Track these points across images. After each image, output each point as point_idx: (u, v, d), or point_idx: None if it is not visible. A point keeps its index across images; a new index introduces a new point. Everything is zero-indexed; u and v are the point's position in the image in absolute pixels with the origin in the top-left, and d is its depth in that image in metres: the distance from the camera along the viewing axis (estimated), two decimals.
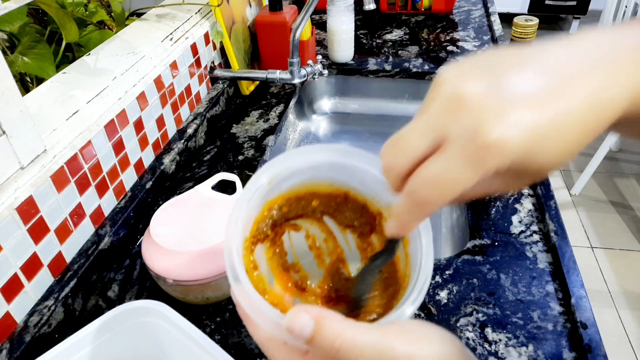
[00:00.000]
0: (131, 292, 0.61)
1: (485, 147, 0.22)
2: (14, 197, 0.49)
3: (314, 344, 0.26)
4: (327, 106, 1.19)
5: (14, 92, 0.49)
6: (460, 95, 0.23)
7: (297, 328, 0.26)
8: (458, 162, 0.23)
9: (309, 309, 0.26)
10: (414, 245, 0.34)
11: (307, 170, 0.36)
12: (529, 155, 0.22)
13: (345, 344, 0.25)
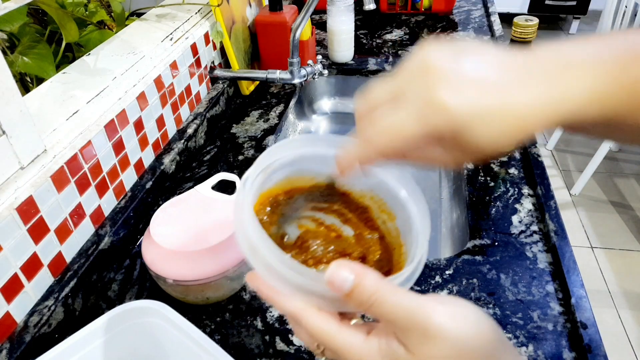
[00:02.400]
0: (131, 292, 0.61)
1: (431, 104, 0.26)
2: (14, 197, 0.49)
3: (353, 297, 0.27)
4: (327, 106, 1.19)
5: (14, 92, 0.49)
6: (424, 62, 0.27)
7: (339, 281, 0.27)
8: (406, 113, 0.27)
9: (349, 264, 0.27)
10: (403, 219, 0.35)
11: (286, 165, 0.36)
12: (465, 128, 0.26)
13: (380, 299, 0.26)
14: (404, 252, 0.35)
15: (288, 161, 0.36)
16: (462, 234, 0.74)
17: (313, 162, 0.37)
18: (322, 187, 0.39)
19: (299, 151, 0.36)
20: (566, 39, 0.27)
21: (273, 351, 0.53)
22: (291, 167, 0.37)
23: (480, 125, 0.25)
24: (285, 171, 0.37)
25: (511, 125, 0.26)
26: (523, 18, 0.66)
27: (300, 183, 0.39)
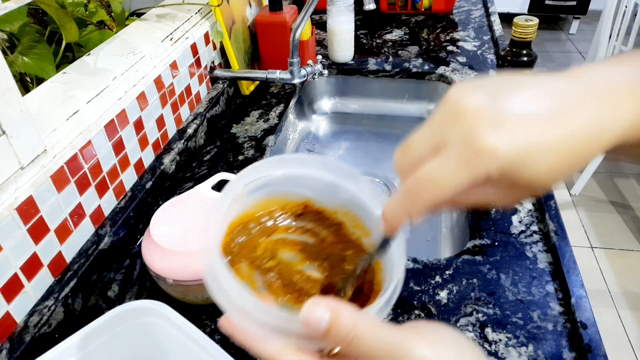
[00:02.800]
0: (131, 292, 0.61)
1: (478, 150, 0.24)
2: (14, 197, 0.49)
3: (330, 336, 0.26)
4: (327, 106, 1.19)
5: (14, 92, 0.49)
6: (462, 106, 0.25)
7: (314, 320, 0.26)
8: (451, 162, 0.25)
9: (324, 301, 0.27)
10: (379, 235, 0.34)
11: (261, 187, 0.36)
12: (517, 167, 0.24)
13: (358, 336, 0.26)
14: (382, 269, 0.34)
15: (258, 185, 0.36)
16: (462, 234, 0.74)
17: (284, 184, 0.37)
18: (294, 208, 0.39)
19: (269, 174, 0.36)
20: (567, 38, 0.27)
21: None
22: (262, 189, 0.37)
23: (534, 162, 0.24)
24: (255, 196, 0.37)
25: (566, 156, 0.25)
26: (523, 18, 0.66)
27: (272, 205, 0.39)
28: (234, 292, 0.28)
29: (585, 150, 0.25)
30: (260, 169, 0.36)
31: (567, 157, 0.25)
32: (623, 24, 1.88)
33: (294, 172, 0.37)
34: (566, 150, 0.25)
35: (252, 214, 0.38)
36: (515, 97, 0.25)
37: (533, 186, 0.26)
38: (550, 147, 0.24)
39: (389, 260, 0.33)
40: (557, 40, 3.32)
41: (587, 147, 0.25)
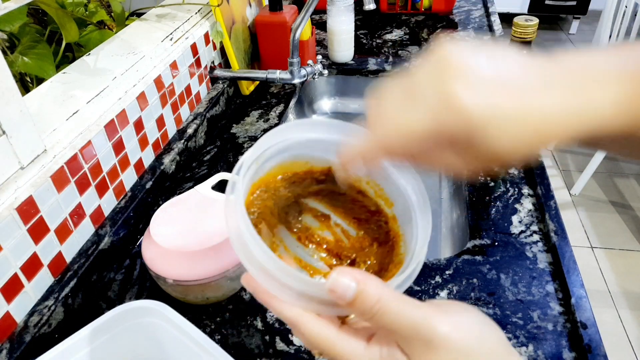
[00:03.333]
0: (131, 292, 0.61)
1: (446, 101, 0.24)
2: (14, 197, 0.49)
3: (355, 306, 0.26)
4: (327, 106, 1.19)
5: (14, 92, 0.49)
6: (444, 59, 0.25)
7: (341, 289, 0.26)
8: (417, 109, 0.26)
9: (351, 271, 0.27)
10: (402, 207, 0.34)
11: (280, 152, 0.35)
12: (483, 131, 0.24)
13: (383, 308, 0.26)
14: (402, 244, 0.34)
15: (282, 148, 0.35)
16: (462, 234, 0.74)
17: (307, 148, 0.36)
18: (317, 173, 0.38)
19: (293, 137, 0.35)
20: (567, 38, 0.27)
21: (273, 351, 0.53)
22: (285, 153, 0.36)
23: (497, 129, 0.24)
24: (278, 158, 0.36)
25: (530, 131, 0.25)
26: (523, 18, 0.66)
27: (294, 169, 0.38)
28: (258, 252, 0.27)
29: (554, 130, 0.25)
30: (285, 132, 0.35)
31: (531, 133, 0.25)
32: (623, 24, 1.88)
33: (318, 137, 0.36)
34: (532, 124, 0.24)
35: (274, 175, 0.37)
36: (496, 62, 0.25)
37: (492, 156, 0.25)
38: (517, 118, 0.24)
39: (411, 234, 0.33)
40: (557, 40, 3.32)
41: (553, 127, 0.25)
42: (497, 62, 0.25)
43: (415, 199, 0.33)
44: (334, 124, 0.35)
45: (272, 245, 0.35)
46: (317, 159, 0.38)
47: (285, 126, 0.35)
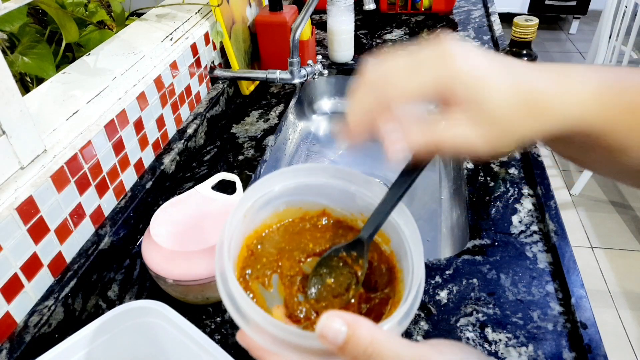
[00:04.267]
0: (131, 292, 0.61)
1: (447, 67, 0.27)
2: (14, 197, 0.49)
3: (347, 350, 0.26)
4: (327, 106, 1.19)
5: (14, 92, 0.49)
6: (447, 46, 0.28)
7: (331, 334, 0.26)
8: (423, 72, 0.28)
9: (341, 314, 0.26)
10: (397, 242, 0.34)
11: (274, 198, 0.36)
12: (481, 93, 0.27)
13: (377, 351, 0.25)
14: (401, 280, 0.34)
15: (272, 196, 0.36)
16: (462, 234, 0.74)
17: (297, 194, 0.37)
18: (313, 217, 0.39)
19: (282, 184, 0.36)
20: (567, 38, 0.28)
21: None
22: (275, 201, 0.37)
23: (493, 91, 0.27)
24: (270, 208, 0.37)
25: (522, 101, 0.27)
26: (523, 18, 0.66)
27: (289, 216, 0.39)
28: (248, 308, 0.28)
29: (539, 106, 0.27)
30: (271, 181, 0.36)
31: (522, 102, 0.27)
32: (623, 24, 1.88)
33: (307, 182, 0.37)
34: (523, 95, 0.27)
35: (269, 226, 0.38)
36: (489, 55, 0.28)
37: (491, 119, 0.27)
38: (511, 85, 0.27)
39: (407, 269, 0.33)
40: (557, 40, 3.32)
41: (540, 105, 0.27)
42: (489, 53, 0.28)
43: (407, 232, 0.34)
44: (318, 168, 0.36)
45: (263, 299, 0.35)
46: (309, 203, 0.38)
47: (270, 176, 0.35)
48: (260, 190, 0.35)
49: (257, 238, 0.37)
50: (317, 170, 0.37)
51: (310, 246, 0.38)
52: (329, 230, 0.39)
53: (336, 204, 0.39)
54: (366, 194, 0.37)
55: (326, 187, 0.37)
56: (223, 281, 0.30)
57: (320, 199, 0.38)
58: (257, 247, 0.37)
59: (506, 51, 0.69)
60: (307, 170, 0.37)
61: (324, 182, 0.37)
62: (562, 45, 3.24)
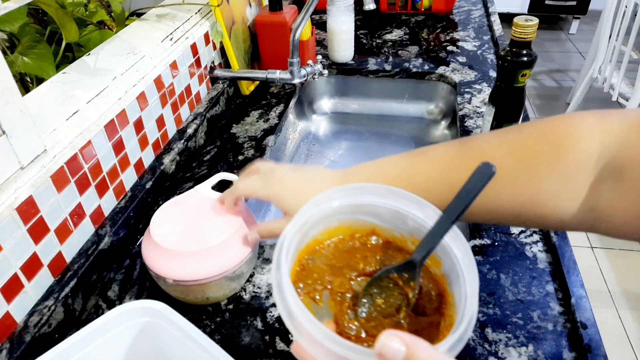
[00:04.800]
0: (131, 292, 0.61)
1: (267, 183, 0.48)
2: (14, 197, 0.49)
3: None
4: (327, 106, 1.19)
5: (14, 92, 0.49)
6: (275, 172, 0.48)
7: (390, 353, 0.26)
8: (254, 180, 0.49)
9: (399, 334, 0.26)
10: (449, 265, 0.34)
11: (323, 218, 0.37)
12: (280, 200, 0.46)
13: None
14: (453, 304, 0.34)
15: (324, 214, 0.37)
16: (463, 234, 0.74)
17: (349, 213, 0.38)
18: (363, 236, 0.39)
19: (335, 202, 0.37)
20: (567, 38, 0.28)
21: (273, 351, 0.53)
22: (329, 219, 0.38)
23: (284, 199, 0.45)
24: (322, 224, 0.38)
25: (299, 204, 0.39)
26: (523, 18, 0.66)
27: (339, 233, 0.39)
28: (304, 321, 0.28)
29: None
30: (325, 198, 0.37)
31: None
32: (623, 24, 1.88)
33: (359, 200, 0.37)
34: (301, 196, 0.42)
35: (320, 242, 0.39)
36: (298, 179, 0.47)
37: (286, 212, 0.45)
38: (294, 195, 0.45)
39: (459, 293, 0.32)
40: (557, 40, 3.32)
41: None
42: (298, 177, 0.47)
43: (460, 256, 0.34)
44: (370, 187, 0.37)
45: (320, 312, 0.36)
46: (360, 221, 0.39)
47: (325, 193, 0.37)
48: (314, 207, 0.36)
49: (308, 253, 0.38)
50: (369, 189, 0.38)
51: (360, 265, 0.38)
52: (378, 250, 0.39)
53: (386, 224, 0.39)
54: (418, 215, 0.37)
55: (377, 207, 0.38)
56: (280, 293, 0.30)
57: (370, 218, 0.39)
58: (309, 263, 0.38)
59: (506, 51, 0.69)
60: (359, 189, 0.38)
61: (375, 202, 0.37)
62: (562, 45, 3.24)
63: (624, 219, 0.33)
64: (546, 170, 0.35)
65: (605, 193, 0.33)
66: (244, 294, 0.59)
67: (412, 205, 0.37)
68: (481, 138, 0.41)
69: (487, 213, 0.39)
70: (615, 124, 0.34)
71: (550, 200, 0.36)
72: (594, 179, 0.34)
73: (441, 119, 1.12)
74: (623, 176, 0.32)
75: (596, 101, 2.53)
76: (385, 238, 0.40)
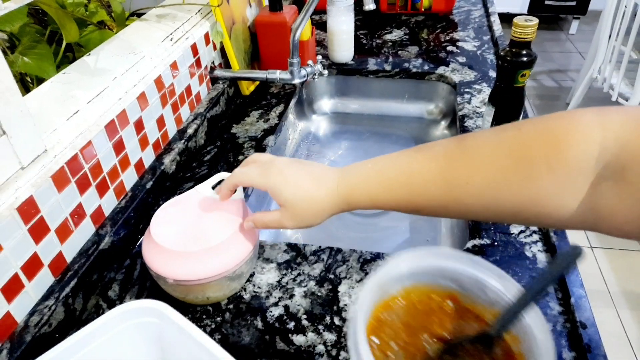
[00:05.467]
0: (131, 292, 0.61)
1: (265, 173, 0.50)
2: (15, 197, 0.49)
3: None
4: (327, 106, 1.19)
5: (14, 92, 0.49)
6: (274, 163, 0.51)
7: None
8: (254, 170, 0.51)
9: None
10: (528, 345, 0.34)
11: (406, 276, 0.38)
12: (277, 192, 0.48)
13: None
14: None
15: (403, 273, 0.37)
16: (462, 234, 0.74)
17: (428, 274, 0.38)
18: (439, 299, 0.40)
19: (414, 263, 0.37)
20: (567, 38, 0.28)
21: (273, 351, 0.53)
22: (407, 278, 0.38)
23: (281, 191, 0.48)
24: (400, 283, 0.38)
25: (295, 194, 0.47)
26: (523, 18, 0.66)
27: (416, 293, 0.39)
28: None
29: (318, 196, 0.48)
30: (404, 258, 0.37)
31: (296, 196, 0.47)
32: (623, 24, 1.88)
33: (439, 264, 0.38)
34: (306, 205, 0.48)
35: (398, 299, 0.39)
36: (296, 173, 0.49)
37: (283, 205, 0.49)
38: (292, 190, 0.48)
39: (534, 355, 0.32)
40: (556, 40, 3.32)
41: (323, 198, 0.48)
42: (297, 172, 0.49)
43: (540, 337, 0.33)
44: (453, 253, 0.38)
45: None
46: (438, 284, 0.39)
47: (405, 253, 0.38)
48: (393, 267, 0.37)
49: (385, 309, 0.38)
50: (452, 255, 0.38)
51: (436, 328, 0.38)
52: (456, 316, 0.39)
53: (465, 291, 0.39)
54: (499, 288, 0.37)
55: (457, 273, 0.38)
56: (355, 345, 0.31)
57: (449, 282, 0.39)
58: (385, 319, 0.38)
59: (506, 51, 0.69)
60: (440, 254, 0.38)
61: (455, 268, 0.38)
62: (562, 46, 3.24)
63: (625, 218, 0.32)
64: (546, 169, 0.35)
65: (606, 192, 0.33)
66: (244, 294, 0.59)
67: (492, 276, 0.37)
68: (479, 136, 0.40)
69: (487, 211, 0.38)
70: (615, 121, 0.33)
71: (551, 199, 0.35)
72: (594, 177, 0.33)
73: (441, 119, 1.12)
74: (624, 175, 0.32)
75: (596, 101, 2.53)
76: (464, 305, 0.39)
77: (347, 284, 0.60)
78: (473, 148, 0.39)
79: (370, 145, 1.12)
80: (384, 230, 0.91)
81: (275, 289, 0.60)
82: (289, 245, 0.66)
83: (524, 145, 0.37)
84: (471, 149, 0.39)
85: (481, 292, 0.38)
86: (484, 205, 0.38)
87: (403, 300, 0.39)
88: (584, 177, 0.34)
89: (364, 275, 0.61)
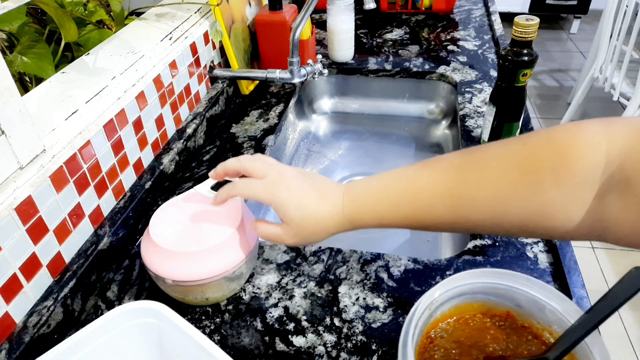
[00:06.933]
0: (130, 292, 0.60)
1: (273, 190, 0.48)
2: (13, 197, 0.49)
3: None
4: (327, 106, 1.19)
5: (13, 91, 0.49)
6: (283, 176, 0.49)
7: None
8: (259, 183, 0.49)
9: None
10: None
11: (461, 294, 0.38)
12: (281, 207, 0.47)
13: None
14: None
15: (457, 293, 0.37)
16: (463, 234, 0.74)
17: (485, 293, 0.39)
18: (496, 316, 0.40)
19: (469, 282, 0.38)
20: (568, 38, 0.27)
21: (273, 352, 0.53)
22: (460, 297, 0.38)
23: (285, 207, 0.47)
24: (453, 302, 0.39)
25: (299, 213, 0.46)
26: (524, 17, 0.66)
27: (472, 310, 0.39)
28: None
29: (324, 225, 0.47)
30: (460, 279, 0.38)
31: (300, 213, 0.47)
32: (624, 24, 1.88)
33: (495, 283, 0.38)
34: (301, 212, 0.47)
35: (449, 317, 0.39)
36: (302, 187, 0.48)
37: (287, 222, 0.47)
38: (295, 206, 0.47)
39: None
40: (558, 39, 3.31)
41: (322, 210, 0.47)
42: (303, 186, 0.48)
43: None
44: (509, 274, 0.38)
45: None
46: (494, 302, 0.39)
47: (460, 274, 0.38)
48: (447, 286, 0.37)
49: (436, 327, 0.38)
50: (505, 275, 0.38)
51: (489, 345, 0.38)
52: (512, 334, 0.39)
53: (523, 310, 0.39)
54: (557, 309, 0.37)
55: (514, 292, 0.38)
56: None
57: (506, 301, 0.39)
58: (437, 337, 0.38)
59: (507, 50, 0.69)
60: (496, 274, 0.38)
61: (512, 287, 0.38)
62: (563, 45, 3.23)
63: (631, 229, 0.32)
64: (552, 181, 0.35)
65: (612, 204, 0.33)
66: (243, 295, 0.59)
67: (551, 297, 0.37)
68: (485, 149, 0.40)
69: (494, 225, 0.38)
70: (620, 133, 0.34)
71: (558, 211, 0.36)
72: (600, 189, 0.34)
73: (442, 118, 1.12)
74: (630, 186, 0.32)
75: (597, 101, 2.52)
76: (521, 323, 0.39)
77: (347, 285, 0.59)
78: (479, 162, 0.39)
79: (370, 145, 1.12)
80: (384, 231, 0.91)
81: (274, 290, 0.60)
82: (288, 246, 0.65)
83: (530, 158, 0.37)
84: (477, 162, 0.39)
85: (539, 312, 0.38)
86: (491, 220, 0.38)
87: (455, 317, 0.39)
88: (590, 189, 0.34)
89: (364, 276, 0.60)
